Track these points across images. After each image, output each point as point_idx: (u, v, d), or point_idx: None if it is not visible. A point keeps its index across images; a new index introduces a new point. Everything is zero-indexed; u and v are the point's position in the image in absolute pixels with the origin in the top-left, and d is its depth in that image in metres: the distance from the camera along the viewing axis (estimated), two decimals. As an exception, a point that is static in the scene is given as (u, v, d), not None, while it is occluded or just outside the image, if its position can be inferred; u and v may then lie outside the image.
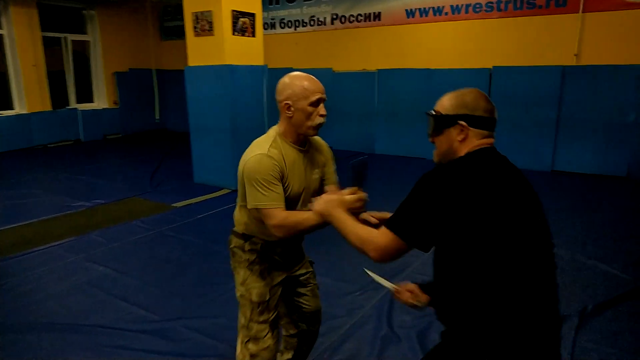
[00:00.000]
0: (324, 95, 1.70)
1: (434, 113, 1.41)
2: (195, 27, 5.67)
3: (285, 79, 1.70)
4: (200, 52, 5.73)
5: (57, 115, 9.11)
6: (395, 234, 1.26)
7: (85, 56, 10.01)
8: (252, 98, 5.92)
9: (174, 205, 5.16)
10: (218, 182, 5.92)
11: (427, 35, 7.53)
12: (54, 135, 9.08)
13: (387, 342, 2.58)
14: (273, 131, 1.76)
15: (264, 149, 1.67)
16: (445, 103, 1.38)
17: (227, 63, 5.54)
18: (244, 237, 1.83)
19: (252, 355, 1.83)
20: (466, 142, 1.34)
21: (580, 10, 6.28)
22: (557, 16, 6.48)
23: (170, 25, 10.78)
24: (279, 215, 1.64)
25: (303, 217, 1.63)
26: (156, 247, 4.02)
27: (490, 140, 1.36)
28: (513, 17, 6.78)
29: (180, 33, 10.38)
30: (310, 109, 1.66)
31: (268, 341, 1.83)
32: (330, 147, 1.98)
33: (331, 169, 1.92)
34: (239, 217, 1.85)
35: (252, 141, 1.76)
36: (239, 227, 1.86)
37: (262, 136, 1.77)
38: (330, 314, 2.71)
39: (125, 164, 7.61)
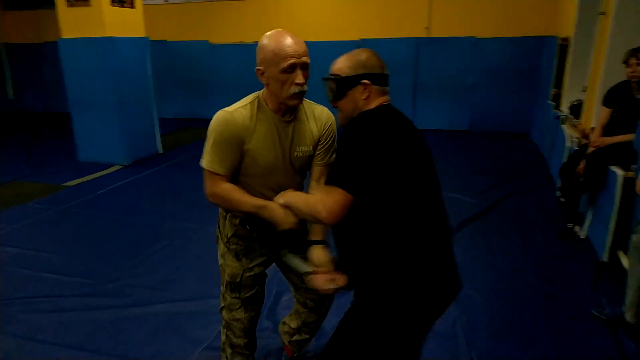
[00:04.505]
0: (299, 60, 1.43)
1: (332, 77, 1.41)
2: (67, -3, 5.37)
3: (262, 40, 1.46)
4: (75, 24, 5.46)
5: None
6: (342, 188, 1.24)
7: None
8: (136, 71, 5.85)
9: (66, 184, 5.00)
10: (106, 159, 5.80)
11: (301, 8, 8.03)
12: None
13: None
14: (257, 93, 1.58)
15: (232, 108, 1.52)
16: (342, 65, 1.40)
17: (107, 35, 5.40)
18: (226, 209, 1.71)
19: (226, 322, 1.84)
20: (370, 99, 1.38)
21: (427, -11, 7.33)
22: (410, -6, 7.48)
23: (15, -7, 9.62)
24: (219, 186, 1.54)
25: (242, 199, 1.54)
26: (64, 224, 3.98)
27: (388, 97, 1.43)
28: (375, -6, 7.61)
29: (27, 3, 9.40)
30: (282, 76, 1.43)
31: (239, 314, 1.78)
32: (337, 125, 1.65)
33: (324, 147, 1.64)
34: None
35: (138, 116, 1.73)
36: None
37: (247, 96, 1.60)
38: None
39: (-14, 148, 6.88)
